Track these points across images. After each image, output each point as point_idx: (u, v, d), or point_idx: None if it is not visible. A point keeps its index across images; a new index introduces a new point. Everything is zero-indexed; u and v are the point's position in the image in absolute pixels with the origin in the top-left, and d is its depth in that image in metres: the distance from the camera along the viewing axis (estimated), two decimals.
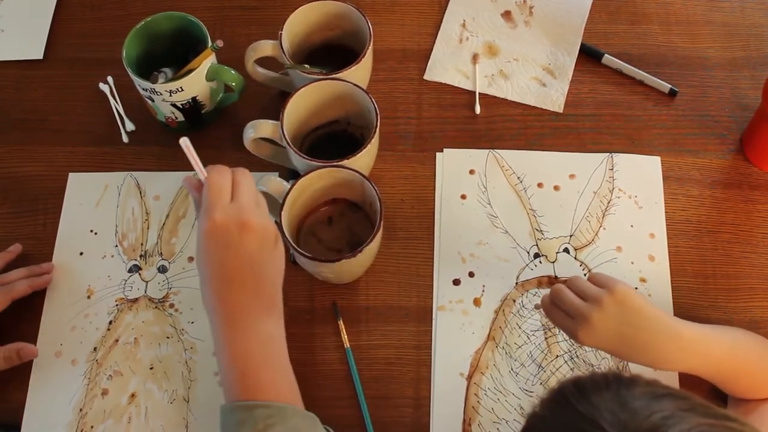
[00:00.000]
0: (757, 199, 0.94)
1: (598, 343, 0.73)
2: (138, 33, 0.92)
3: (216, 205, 0.69)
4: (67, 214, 0.95)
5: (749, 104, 0.99)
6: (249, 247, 0.68)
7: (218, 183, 0.70)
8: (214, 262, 0.69)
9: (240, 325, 0.68)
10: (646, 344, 0.72)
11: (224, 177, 0.71)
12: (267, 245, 0.70)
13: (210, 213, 0.68)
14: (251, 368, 0.68)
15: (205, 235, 0.68)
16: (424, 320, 0.88)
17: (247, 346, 0.68)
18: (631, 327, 0.72)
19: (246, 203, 0.70)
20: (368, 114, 0.88)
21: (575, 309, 0.73)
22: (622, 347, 0.73)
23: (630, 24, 1.05)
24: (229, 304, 0.68)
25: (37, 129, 1.01)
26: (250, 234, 0.68)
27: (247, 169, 0.73)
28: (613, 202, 0.94)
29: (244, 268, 0.68)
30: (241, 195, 0.70)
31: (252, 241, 0.68)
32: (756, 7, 1.06)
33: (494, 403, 0.84)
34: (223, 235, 0.68)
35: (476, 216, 0.93)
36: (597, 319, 0.72)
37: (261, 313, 0.69)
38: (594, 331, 0.72)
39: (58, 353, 0.87)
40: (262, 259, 0.69)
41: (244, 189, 0.71)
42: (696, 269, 0.91)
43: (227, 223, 0.68)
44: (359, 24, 0.93)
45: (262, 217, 0.70)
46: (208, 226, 0.68)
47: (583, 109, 1.00)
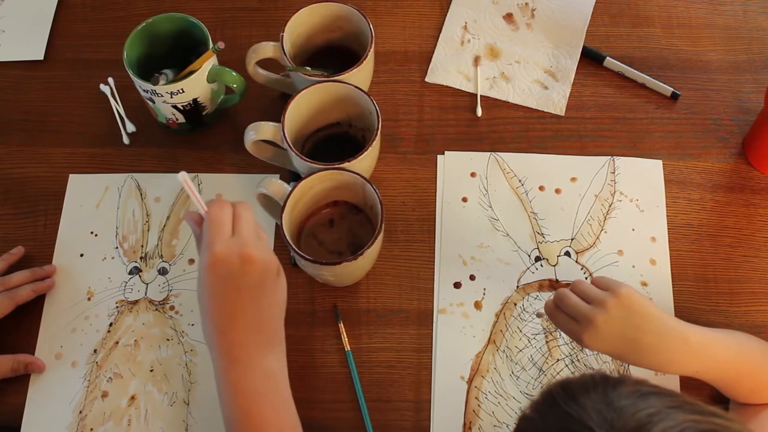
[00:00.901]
0: (758, 203, 0.94)
1: (604, 347, 0.73)
2: (139, 34, 0.92)
3: (217, 239, 0.68)
4: (68, 216, 0.95)
5: (751, 108, 0.99)
6: (250, 280, 0.68)
7: (219, 217, 0.69)
8: (216, 296, 0.68)
9: (241, 361, 0.68)
10: (651, 347, 0.72)
11: (225, 211, 0.70)
12: (269, 278, 0.69)
13: (211, 247, 0.68)
14: (254, 406, 0.68)
15: (206, 268, 0.68)
16: (425, 323, 0.88)
17: (250, 384, 0.68)
18: (636, 330, 0.71)
19: (247, 236, 0.69)
20: (369, 116, 0.88)
21: (580, 312, 0.73)
22: (627, 351, 0.73)
23: (632, 27, 1.05)
24: (231, 340, 0.68)
25: (37, 130, 1.01)
26: (251, 267, 0.68)
27: (247, 203, 0.73)
28: (614, 206, 0.94)
29: (245, 301, 0.68)
30: (242, 229, 0.69)
31: (253, 274, 0.68)
32: (758, 11, 1.06)
33: (495, 407, 0.84)
34: (225, 268, 0.67)
35: (477, 219, 0.93)
36: (602, 321, 0.71)
37: (263, 348, 0.69)
38: (599, 334, 0.71)
39: (58, 355, 0.87)
40: (264, 293, 0.69)
41: (245, 222, 0.70)
42: (697, 273, 0.90)
43: (229, 256, 0.67)
44: (361, 26, 0.93)
45: (264, 250, 0.70)
46: (210, 259, 0.67)
47: (585, 112, 1.00)
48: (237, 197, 0.95)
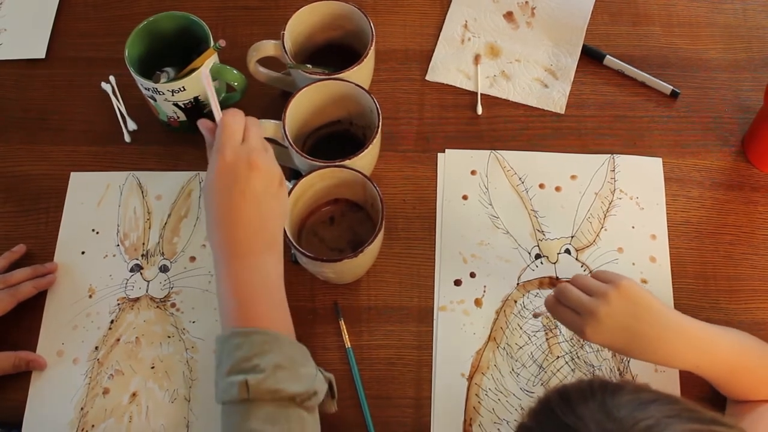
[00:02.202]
0: (758, 200, 0.94)
1: (605, 339, 0.73)
2: (140, 32, 0.92)
3: (227, 145, 0.73)
4: (69, 214, 0.95)
5: (751, 106, 0.99)
6: (255, 186, 0.72)
7: (231, 125, 0.74)
8: (222, 198, 0.72)
9: (242, 259, 0.71)
10: (652, 339, 0.72)
11: (237, 120, 0.75)
12: (272, 186, 0.74)
13: (221, 152, 0.72)
14: (250, 299, 0.71)
15: (215, 171, 0.72)
16: (426, 320, 0.88)
17: (247, 278, 0.71)
18: (637, 321, 0.72)
19: (255, 146, 0.74)
20: (370, 114, 0.88)
21: (582, 305, 0.73)
22: (628, 343, 0.73)
23: (632, 25, 1.06)
24: (233, 238, 0.71)
25: (39, 128, 1.01)
26: (257, 173, 0.72)
27: (256, 119, 0.77)
28: (614, 203, 0.94)
29: (249, 205, 0.72)
30: (251, 138, 0.74)
31: (258, 180, 0.72)
32: (758, 9, 1.06)
33: (495, 404, 0.84)
34: (232, 173, 0.72)
35: (478, 216, 0.94)
36: (604, 314, 0.71)
37: (263, 250, 0.72)
38: (602, 326, 0.72)
39: (60, 352, 0.88)
40: (267, 199, 0.73)
41: (254, 133, 0.75)
42: (697, 270, 0.91)
43: (237, 162, 0.72)
44: (361, 24, 0.93)
45: (269, 160, 0.74)
46: (219, 164, 0.72)
47: (585, 110, 1.00)
48: None
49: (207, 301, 0.90)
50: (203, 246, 0.93)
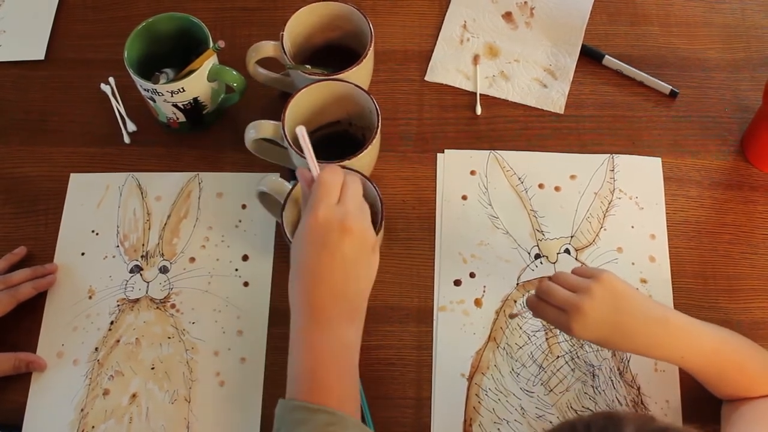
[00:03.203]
0: (757, 200, 0.95)
1: (592, 334, 0.73)
2: (140, 34, 0.92)
3: (322, 202, 0.69)
4: (69, 215, 0.95)
5: (749, 105, 0.99)
6: (346, 250, 0.68)
7: (328, 181, 0.71)
8: (309, 257, 0.69)
9: (321, 325, 0.68)
10: (634, 329, 0.73)
11: (335, 177, 0.71)
12: (364, 252, 0.70)
13: (315, 209, 0.69)
14: (322, 369, 0.68)
15: (306, 228, 0.69)
16: (425, 321, 0.89)
17: (323, 347, 0.68)
18: (620, 313, 0.73)
19: (351, 206, 0.70)
20: (369, 115, 0.88)
21: (566, 301, 0.73)
22: (614, 335, 0.73)
23: (630, 25, 1.06)
24: (315, 302, 0.69)
25: (38, 129, 1.01)
26: (349, 237, 0.68)
27: (358, 175, 0.75)
28: (613, 203, 0.94)
29: (336, 269, 0.69)
30: (347, 198, 0.71)
31: (350, 245, 0.69)
32: (756, 9, 1.06)
33: (495, 404, 0.84)
34: (324, 233, 0.68)
35: (477, 217, 0.94)
36: (589, 307, 0.72)
37: (344, 318, 0.69)
38: (587, 320, 0.72)
39: (60, 353, 0.88)
40: (356, 265, 0.70)
41: (351, 193, 0.71)
42: (696, 270, 0.91)
43: (330, 222, 0.69)
44: (360, 25, 0.93)
45: (364, 224, 0.71)
46: (311, 221, 0.69)
47: (584, 110, 1.00)
48: (237, 196, 0.95)
49: (207, 301, 0.90)
50: (203, 247, 0.93)
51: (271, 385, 0.86)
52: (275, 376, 0.86)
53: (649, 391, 0.84)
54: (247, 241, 0.93)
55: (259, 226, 0.94)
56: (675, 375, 0.85)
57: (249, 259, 0.92)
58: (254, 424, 0.84)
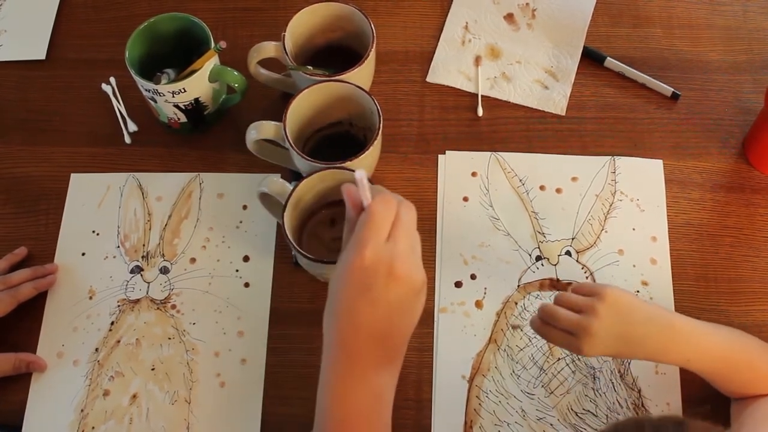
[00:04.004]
0: (758, 202, 0.94)
1: (602, 351, 0.74)
2: (141, 34, 0.92)
3: (371, 241, 0.61)
4: (69, 215, 0.95)
5: (751, 108, 0.99)
6: (390, 297, 0.62)
7: (380, 215, 0.63)
8: (350, 300, 0.62)
9: (355, 373, 0.63)
10: (642, 337, 0.73)
11: (388, 210, 0.63)
12: (409, 297, 0.63)
13: (361, 247, 0.61)
14: (352, 419, 0.64)
15: (348, 269, 0.62)
16: (426, 322, 0.88)
17: (354, 397, 0.63)
18: (627, 325, 0.73)
19: (402, 248, 0.62)
20: (371, 116, 0.88)
21: (573, 324, 0.73)
22: (622, 346, 0.74)
23: (632, 27, 1.06)
24: (352, 348, 0.63)
25: (39, 129, 1.01)
26: (396, 283, 0.62)
27: (412, 205, 0.66)
28: (615, 205, 0.94)
29: (377, 316, 0.62)
30: (399, 236, 0.63)
31: (396, 291, 0.62)
32: (758, 11, 1.06)
33: (496, 406, 0.84)
34: (369, 276, 0.61)
35: (478, 218, 0.94)
36: (597, 328, 0.72)
37: (381, 365, 0.64)
38: (597, 340, 0.72)
39: (60, 354, 0.87)
40: (400, 311, 0.63)
41: (404, 230, 0.63)
42: (698, 272, 0.91)
43: (377, 265, 0.61)
44: (362, 26, 0.93)
45: (414, 266, 0.64)
46: (356, 262, 0.61)
47: (586, 111, 1.00)
48: (238, 197, 0.95)
49: (207, 302, 0.90)
50: (203, 248, 0.93)
51: (271, 386, 0.86)
52: (275, 378, 0.86)
53: (650, 393, 0.84)
54: (248, 241, 0.93)
55: (260, 226, 0.93)
56: (676, 377, 0.84)
57: (250, 260, 0.92)
58: (254, 426, 0.84)
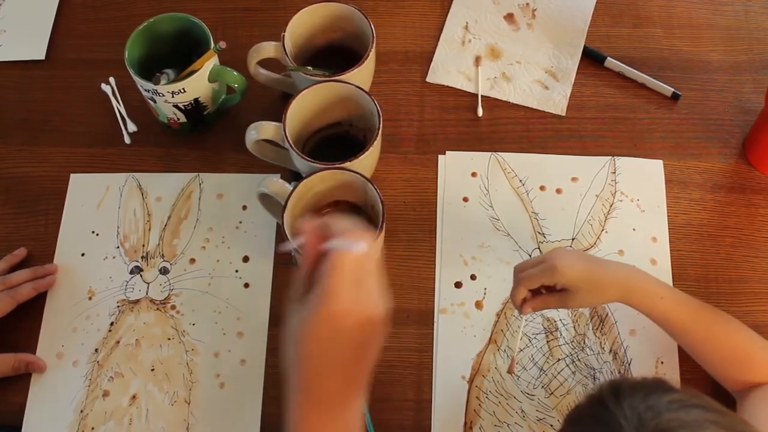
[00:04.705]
0: (759, 203, 0.94)
1: (574, 269, 0.77)
2: (140, 34, 0.92)
3: (340, 290, 0.58)
4: (69, 215, 0.95)
5: (752, 108, 0.99)
6: (359, 338, 0.60)
7: (348, 265, 0.58)
8: (318, 347, 0.60)
9: (323, 415, 0.62)
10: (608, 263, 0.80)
11: (351, 256, 0.59)
12: (375, 333, 0.61)
13: (330, 297, 0.58)
14: None
15: (317, 318, 0.59)
16: (426, 323, 0.88)
17: (325, 430, 0.62)
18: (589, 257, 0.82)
19: (369, 290, 0.60)
20: (371, 116, 0.88)
21: (537, 257, 0.79)
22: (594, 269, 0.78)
23: (633, 27, 1.05)
24: (321, 392, 0.62)
25: (38, 129, 1.01)
26: (365, 325, 0.59)
27: (371, 241, 0.61)
28: (615, 206, 0.94)
29: (347, 359, 0.60)
30: (365, 279, 0.59)
31: (364, 332, 0.60)
32: (759, 11, 1.06)
33: (495, 407, 0.84)
34: (339, 323, 0.59)
35: (478, 218, 0.93)
36: (561, 251, 0.79)
37: (352, 400, 0.63)
38: (566, 256, 0.77)
39: (60, 354, 0.87)
40: (370, 350, 0.62)
41: (368, 272, 0.60)
42: (698, 273, 0.91)
43: (347, 312, 0.58)
44: (362, 26, 0.93)
45: (380, 305, 0.61)
46: (324, 312, 0.58)
47: (586, 112, 1.00)
48: (238, 197, 0.95)
49: (207, 303, 0.90)
50: (203, 248, 0.93)
51: (270, 387, 0.86)
52: (275, 378, 0.86)
53: None
54: (247, 242, 0.93)
55: (260, 227, 0.93)
56: (676, 378, 0.85)
57: (249, 260, 0.92)
58: (254, 426, 0.84)
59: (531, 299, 0.79)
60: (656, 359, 0.85)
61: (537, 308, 0.80)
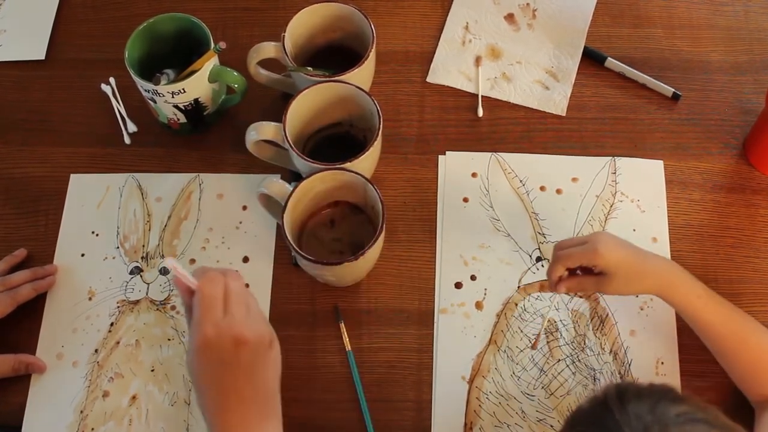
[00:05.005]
0: (759, 203, 0.94)
1: (617, 253, 0.77)
2: (141, 34, 0.92)
3: (207, 320, 0.66)
4: (69, 216, 0.95)
5: (752, 108, 0.99)
6: (244, 360, 0.66)
7: (210, 295, 0.67)
8: (209, 378, 0.67)
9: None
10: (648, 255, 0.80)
11: (216, 287, 0.67)
12: (262, 353, 0.67)
13: (202, 328, 0.66)
14: None
15: (197, 350, 0.66)
16: (426, 323, 0.88)
17: None
18: (630, 244, 0.80)
19: (239, 315, 0.67)
20: (371, 116, 0.88)
21: (580, 237, 0.80)
22: (634, 256, 0.78)
23: (633, 27, 1.05)
24: (228, 418, 0.66)
25: (38, 130, 1.01)
26: (244, 348, 0.66)
27: (237, 272, 0.71)
28: (615, 206, 0.94)
29: (240, 381, 0.66)
30: (232, 306, 0.67)
31: (247, 353, 0.66)
32: (760, 11, 1.06)
33: (496, 407, 0.84)
34: (217, 351, 0.66)
35: (478, 219, 0.93)
36: (605, 234, 0.79)
37: (261, 422, 0.67)
38: (609, 240, 0.77)
39: (59, 355, 0.87)
40: (258, 368, 0.67)
41: (236, 298, 0.68)
42: (698, 274, 0.89)
43: (221, 339, 0.66)
44: (362, 26, 0.93)
45: (255, 325, 0.68)
46: (200, 342, 0.65)
47: (586, 112, 1.00)
48: (238, 198, 0.95)
49: None
50: (203, 248, 0.93)
51: None
52: None
53: None
54: (247, 242, 0.93)
55: (260, 227, 0.93)
56: (676, 379, 0.84)
57: (249, 260, 0.92)
58: None
59: (567, 279, 0.79)
60: (656, 360, 0.85)
61: (572, 289, 0.81)
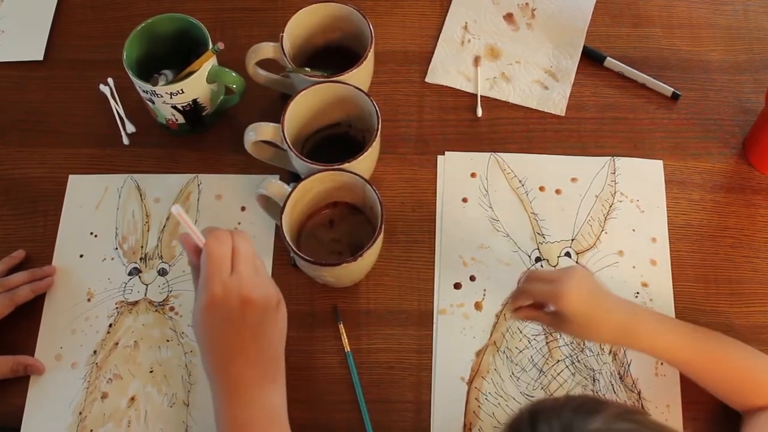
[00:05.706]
0: (759, 203, 0.94)
1: (579, 301, 0.74)
2: (139, 35, 0.92)
3: (215, 279, 0.67)
4: (67, 217, 0.95)
5: (752, 108, 0.99)
6: (251, 320, 0.67)
7: (218, 253, 0.67)
8: (215, 337, 0.67)
9: (243, 397, 0.67)
10: (614, 304, 0.77)
11: (224, 246, 0.68)
12: (269, 314, 0.68)
13: (210, 287, 0.66)
14: None
15: (203, 308, 0.67)
16: (425, 324, 0.88)
17: (248, 418, 0.67)
18: (599, 291, 0.77)
19: (246, 275, 0.67)
20: (369, 117, 0.88)
21: (552, 274, 0.77)
22: (596, 306, 0.76)
23: (632, 27, 1.05)
24: (231, 376, 0.67)
25: (37, 130, 1.00)
26: (251, 308, 0.67)
27: (246, 233, 0.71)
28: (615, 206, 0.94)
29: (245, 341, 0.67)
30: (240, 265, 0.68)
31: (254, 314, 0.67)
32: (759, 11, 1.06)
33: (495, 408, 0.84)
34: (224, 310, 0.66)
35: (477, 219, 0.93)
36: (578, 272, 0.76)
37: (265, 384, 0.68)
38: (575, 283, 0.74)
39: (58, 356, 0.87)
40: (264, 329, 0.68)
41: (244, 258, 0.68)
42: (698, 274, 0.90)
43: (227, 297, 0.66)
44: (360, 26, 0.93)
45: (263, 286, 0.69)
46: (208, 300, 0.66)
47: (585, 112, 1.00)
48: (237, 198, 0.95)
49: None
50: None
51: None
52: None
53: (650, 395, 0.84)
54: None
55: (259, 228, 0.93)
56: (676, 379, 0.84)
57: None
58: None
59: (527, 308, 0.80)
60: (656, 360, 0.85)
61: (529, 319, 0.82)
